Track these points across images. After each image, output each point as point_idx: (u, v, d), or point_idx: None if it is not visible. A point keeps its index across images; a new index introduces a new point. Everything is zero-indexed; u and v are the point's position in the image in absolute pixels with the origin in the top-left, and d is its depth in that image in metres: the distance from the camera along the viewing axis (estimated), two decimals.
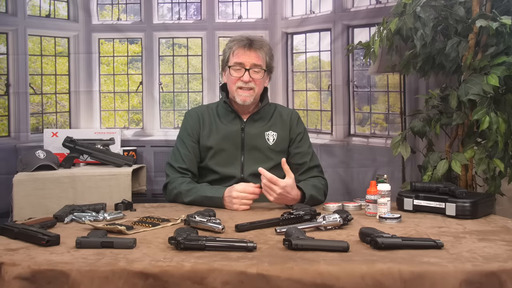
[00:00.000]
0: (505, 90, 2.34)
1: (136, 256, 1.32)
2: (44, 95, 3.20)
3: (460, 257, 1.32)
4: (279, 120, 2.26)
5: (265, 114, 2.25)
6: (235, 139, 2.18)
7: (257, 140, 2.20)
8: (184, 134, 2.24)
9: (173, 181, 2.14)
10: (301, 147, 2.24)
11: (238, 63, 2.15)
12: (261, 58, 2.16)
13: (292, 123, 2.26)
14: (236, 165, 2.17)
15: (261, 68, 2.16)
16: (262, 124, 2.23)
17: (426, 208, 1.86)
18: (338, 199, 2.15)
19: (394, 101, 3.15)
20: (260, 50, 2.16)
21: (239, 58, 2.15)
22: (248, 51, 2.15)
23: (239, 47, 2.16)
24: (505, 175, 2.38)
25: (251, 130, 2.20)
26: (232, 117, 2.22)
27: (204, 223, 1.59)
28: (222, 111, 2.25)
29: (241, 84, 2.14)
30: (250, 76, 2.13)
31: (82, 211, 1.80)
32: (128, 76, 3.28)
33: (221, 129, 2.20)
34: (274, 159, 2.18)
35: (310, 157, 2.24)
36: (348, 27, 3.15)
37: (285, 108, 2.40)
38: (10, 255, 1.33)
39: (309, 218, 1.67)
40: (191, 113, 2.28)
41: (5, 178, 2.86)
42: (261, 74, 2.17)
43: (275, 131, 2.22)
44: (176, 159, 2.20)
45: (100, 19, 3.25)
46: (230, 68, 2.16)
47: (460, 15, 2.37)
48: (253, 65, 2.14)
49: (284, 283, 1.21)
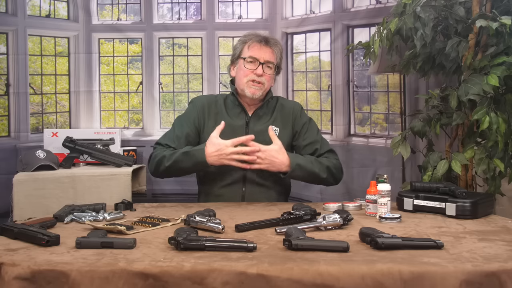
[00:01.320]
0: (505, 90, 2.33)
1: (136, 256, 1.32)
2: (44, 95, 3.20)
3: (460, 257, 1.32)
4: (281, 114, 2.28)
5: (268, 109, 2.28)
6: (239, 134, 2.18)
7: (261, 136, 2.18)
8: (185, 119, 2.25)
9: (156, 151, 2.16)
10: (308, 137, 2.26)
11: (253, 57, 2.19)
12: (274, 55, 2.23)
13: (296, 115, 2.29)
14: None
15: (274, 65, 2.22)
16: (266, 119, 2.25)
17: (426, 208, 1.86)
18: (338, 199, 2.15)
19: (394, 101, 3.15)
20: (275, 47, 2.23)
21: (254, 52, 2.19)
22: (264, 47, 2.21)
23: (255, 41, 2.21)
24: (505, 175, 2.38)
25: (255, 126, 2.22)
26: (238, 111, 2.25)
27: (204, 223, 1.59)
28: (230, 104, 2.27)
29: (253, 77, 2.17)
30: (263, 70, 2.18)
31: (82, 211, 1.80)
32: (128, 76, 3.28)
33: (226, 122, 2.19)
34: None
35: (320, 144, 2.25)
36: (348, 27, 3.15)
37: (287, 101, 2.41)
38: (10, 255, 1.33)
39: (309, 218, 1.67)
40: (198, 102, 2.30)
41: (5, 178, 2.86)
42: (272, 71, 2.23)
43: (277, 126, 2.25)
44: (167, 137, 2.21)
45: (100, 19, 3.25)
46: (244, 60, 2.20)
47: (460, 15, 2.37)
48: (266, 61, 2.19)
49: (284, 284, 1.21)
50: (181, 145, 2.17)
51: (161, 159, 2.11)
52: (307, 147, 2.24)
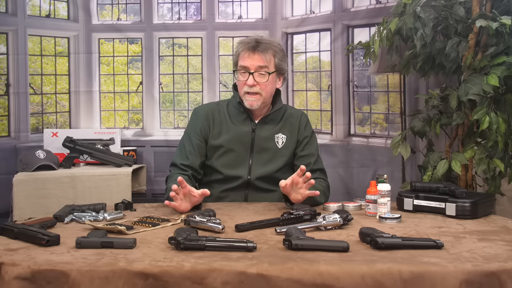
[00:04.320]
0: (505, 90, 2.34)
1: (136, 256, 1.32)
2: (44, 95, 3.20)
3: (460, 257, 1.31)
4: (288, 123, 2.23)
5: (276, 116, 2.22)
6: (245, 140, 2.16)
7: (267, 143, 2.17)
8: (191, 131, 2.20)
9: (170, 176, 2.16)
10: (306, 150, 2.22)
11: (242, 67, 2.11)
12: (265, 60, 2.10)
13: (301, 125, 2.24)
14: (244, 167, 2.15)
15: (267, 72, 2.10)
16: (273, 126, 2.21)
17: (426, 208, 1.86)
18: (338, 199, 2.14)
19: (394, 101, 3.15)
20: (265, 52, 2.10)
21: (243, 62, 2.11)
22: (253, 54, 2.10)
23: (244, 50, 2.12)
24: (505, 175, 2.38)
25: (262, 132, 2.18)
26: (243, 118, 2.19)
27: (204, 223, 1.59)
28: (234, 111, 2.20)
29: (246, 89, 2.10)
30: (255, 79, 2.09)
31: (82, 211, 1.80)
32: (128, 76, 3.28)
33: (232, 129, 2.17)
34: (281, 161, 2.17)
35: (314, 159, 2.21)
36: (348, 27, 3.15)
37: (294, 110, 2.36)
38: (10, 255, 1.33)
39: (309, 218, 1.67)
40: (201, 111, 2.24)
41: (5, 178, 2.86)
42: (266, 77, 2.10)
43: (285, 134, 2.20)
44: (180, 156, 2.18)
45: (100, 19, 3.25)
46: (237, 72, 2.14)
47: (460, 15, 2.37)
48: (258, 67, 2.09)
49: (284, 283, 1.21)
50: (195, 159, 2.15)
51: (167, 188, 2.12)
52: (302, 158, 2.20)
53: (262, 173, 2.13)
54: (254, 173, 2.14)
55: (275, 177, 2.12)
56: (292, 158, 2.20)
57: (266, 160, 2.16)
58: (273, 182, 2.12)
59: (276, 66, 2.14)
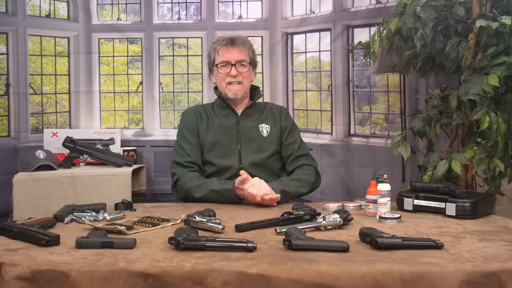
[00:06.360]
0: (505, 90, 2.34)
1: (136, 256, 1.32)
2: (44, 95, 3.20)
3: (460, 257, 1.32)
4: (270, 114, 2.37)
5: (257, 110, 2.37)
6: (231, 132, 2.28)
7: (252, 132, 2.30)
8: (184, 130, 2.31)
9: (182, 177, 2.19)
10: (289, 138, 2.34)
11: (223, 61, 2.28)
12: (244, 53, 2.30)
13: (281, 117, 2.37)
14: (234, 156, 2.25)
15: (247, 62, 2.30)
16: (256, 117, 2.35)
17: (426, 208, 1.86)
18: (338, 199, 2.15)
19: (394, 101, 3.15)
20: (242, 46, 2.31)
21: (223, 56, 2.29)
22: (232, 48, 2.29)
23: (221, 46, 2.30)
24: (505, 175, 2.38)
25: (246, 123, 2.31)
26: (227, 112, 2.34)
27: (204, 223, 1.59)
28: (217, 108, 2.37)
29: (230, 80, 2.27)
30: (237, 70, 2.27)
31: (82, 211, 1.80)
32: (128, 76, 3.28)
33: (217, 123, 2.30)
34: (270, 149, 2.29)
35: (298, 145, 2.32)
36: (348, 27, 3.15)
37: (274, 105, 2.52)
38: (10, 255, 1.33)
39: (309, 218, 1.67)
40: (189, 110, 2.40)
41: (5, 178, 2.86)
42: (247, 67, 2.30)
43: (268, 124, 2.34)
44: (180, 155, 2.26)
45: (100, 19, 3.25)
46: (217, 67, 2.29)
47: (460, 15, 2.37)
48: (237, 60, 2.28)
49: (284, 284, 1.21)
50: (196, 154, 2.25)
51: (187, 190, 2.15)
52: (286, 147, 2.32)
53: (252, 160, 2.23)
54: (245, 161, 2.23)
55: (267, 165, 2.25)
56: (279, 147, 2.32)
57: (254, 148, 2.27)
58: (265, 171, 2.23)
59: (251, 59, 2.34)
